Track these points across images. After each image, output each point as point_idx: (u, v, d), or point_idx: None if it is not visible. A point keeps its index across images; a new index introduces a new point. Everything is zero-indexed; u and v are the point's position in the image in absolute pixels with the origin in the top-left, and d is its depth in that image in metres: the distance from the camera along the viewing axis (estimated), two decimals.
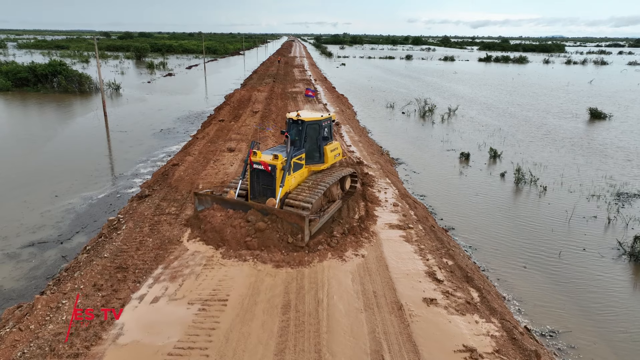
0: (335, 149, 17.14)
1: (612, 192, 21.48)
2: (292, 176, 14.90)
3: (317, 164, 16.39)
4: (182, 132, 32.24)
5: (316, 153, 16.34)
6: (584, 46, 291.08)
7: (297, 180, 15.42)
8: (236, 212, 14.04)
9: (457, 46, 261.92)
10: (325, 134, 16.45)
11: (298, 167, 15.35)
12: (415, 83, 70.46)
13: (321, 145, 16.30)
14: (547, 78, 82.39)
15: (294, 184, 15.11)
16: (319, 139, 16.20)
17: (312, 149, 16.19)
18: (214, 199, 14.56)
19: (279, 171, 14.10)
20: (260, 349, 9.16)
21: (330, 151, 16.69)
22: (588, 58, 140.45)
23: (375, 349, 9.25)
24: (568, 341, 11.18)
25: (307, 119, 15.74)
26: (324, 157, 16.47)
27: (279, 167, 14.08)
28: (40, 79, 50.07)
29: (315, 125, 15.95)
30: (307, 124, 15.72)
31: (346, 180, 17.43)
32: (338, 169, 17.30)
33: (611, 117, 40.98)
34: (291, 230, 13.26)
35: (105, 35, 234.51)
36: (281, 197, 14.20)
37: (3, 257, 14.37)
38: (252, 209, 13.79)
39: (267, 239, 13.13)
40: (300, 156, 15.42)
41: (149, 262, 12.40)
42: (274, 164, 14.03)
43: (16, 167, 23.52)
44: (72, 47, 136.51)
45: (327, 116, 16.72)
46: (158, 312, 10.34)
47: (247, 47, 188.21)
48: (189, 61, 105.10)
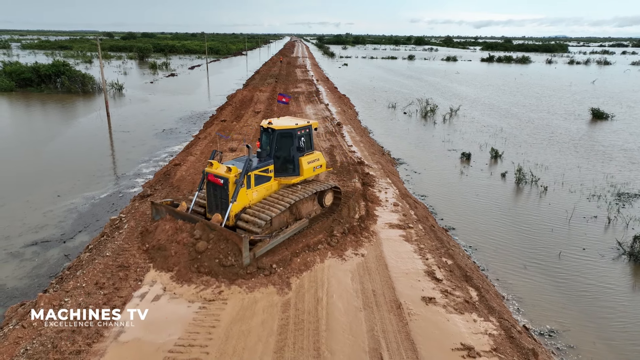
0: (315, 161, 15.72)
1: (612, 192, 21.49)
2: (254, 190, 13.83)
3: (290, 176, 15.10)
4: (184, 132, 32.39)
5: (289, 164, 15.10)
6: (587, 46, 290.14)
7: (262, 194, 14.24)
8: (186, 223, 13.21)
9: (459, 46, 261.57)
10: (300, 143, 15.13)
11: (264, 179, 14.22)
12: (417, 83, 70.47)
13: (295, 156, 15.03)
14: (549, 78, 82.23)
15: (256, 198, 13.98)
16: (293, 149, 14.94)
17: (284, 159, 15.01)
18: (168, 210, 13.86)
19: (231, 184, 12.98)
20: (259, 347, 9.26)
21: (308, 163, 15.31)
22: (591, 58, 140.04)
23: (374, 347, 9.34)
24: (567, 341, 11.23)
25: (279, 127, 14.62)
26: (299, 169, 15.18)
27: (232, 180, 12.98)
28: (44, 79, 50.34)
29: (287, 134, 14.73)
30: (278, 132, 14.56)
31: (325, 195, 15.89)
32: (315, 183, 15.83)
33: (613, 118, 40.92)
34: (235, 250, 12.15)
35: (108, 36, 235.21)
36: (237, 212, 13.28)
37: (6, 256, 14.51)
38: (199, 223, 12.93)
39: (204, 262, 12.01)
40: (267, 168, 14.27)
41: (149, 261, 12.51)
42: (226, 177, 13.00)
43: (19, 167, 23.70)
44: (76, 48, 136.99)
45: (304, 124, 15.36)
46: (159, 309, 10.45)
47: (250, 47, 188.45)
48: (192, 61, 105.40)
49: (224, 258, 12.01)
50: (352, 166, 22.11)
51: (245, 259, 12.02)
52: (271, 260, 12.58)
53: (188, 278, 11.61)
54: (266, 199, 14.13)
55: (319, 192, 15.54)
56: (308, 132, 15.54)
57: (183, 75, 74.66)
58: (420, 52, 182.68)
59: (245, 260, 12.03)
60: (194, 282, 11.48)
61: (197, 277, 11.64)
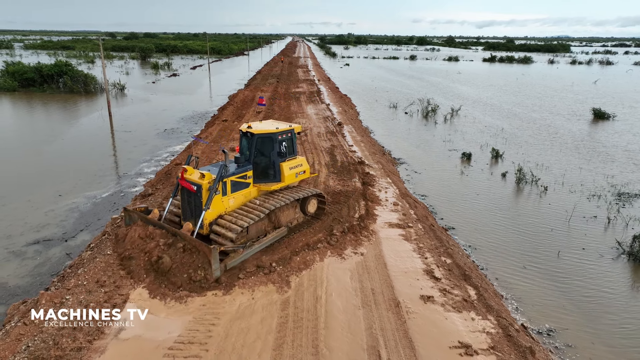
0: (298, 166, 15.13)
1: (613, 192, 21.50)
2: (231, 197, 13.31)
3: (271, 182, 14.52)
4: (185, 132, 32.49)
5: (270, 170, 14.51)
6: (589, 46, 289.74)
7: (239, 201, 13.69)
8: (156, 230, 12.90)
9: (461, 46, 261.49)
10: (282, 148, 14.47)
11: (242, 186, 13.67)
12: (418, 83, 70.48)
13: (276, 161, 14.42)
14: (551, 78, 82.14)
15: (233, 205, 13.45)
16: (273, 154, 14.33)
17: (264, 165, 14.45)
18: (140, 217, 13.50)
19: (204, 191, 12.47)
20: (258, 344, 9.34)
21: (290, 169, 14.72)
22: (593, 58, 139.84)
23: (372, 345, 9.41)
24: (565, 340, 11.27)
25: (258, 131, 14.04)
26: (280, 176, 14.59)
27: (205, 186, 12.47)
28: (46, 79, 50.54)
29: (267, 139, 14.16)
30: (257, 137, 14.00)
31: (308, 202, 15.18)
32: (297, 189, 15.17)
33: (615, 118, 40.88)
34: (206, 262, 11.63)
35: (110, 36, 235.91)
36: (211, 220, 12.81)
37: (9, 255, 14.62)
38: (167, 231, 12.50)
39: (171, 278, 11.50)
40: (245, 174, 13.73)
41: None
42: (199, 183, 12.51)
43: (21, 166, 23.83)
44: (78, 48, 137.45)
45: (286, 128, 14.73)
46: (158, 308, 10.54)
47: (252, 47, 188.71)
48: (194, 61, 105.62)
49: (193, 272, 11.47)
50: (353, 166, 22.17)
51: (215, 271, 11.45)
52: (271, 259, 12.66)
53: (161, 292, 11.14)
54: (244, 207, 13.58)
55: (301, 199, 14.92)
56: (290, 137, 14.91)
57: (185, 76, 74.84)
58: (422, 52, 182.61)
59: (216, 273, 11.48)
60: (169, 295, 11.00)
61: (171, 292, 11.13)
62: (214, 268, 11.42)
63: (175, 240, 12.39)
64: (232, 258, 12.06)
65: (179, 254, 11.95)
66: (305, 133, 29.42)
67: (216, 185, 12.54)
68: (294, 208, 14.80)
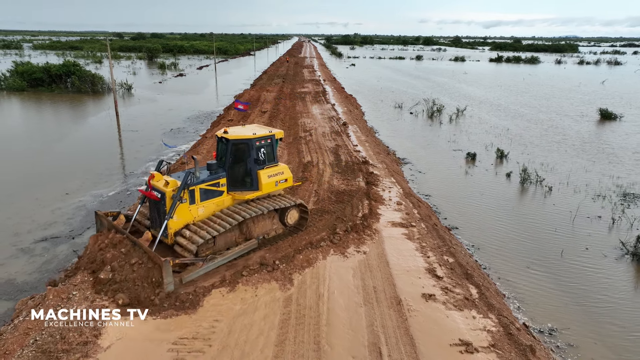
0: (279, 174, 14.27)
1: (618, 192, 21.42)
2: (200, 205, 12.78)
3: (247, 191, 13.75)
4: (191, 132, 32.75)
5: (247, 178, 13.80)
6: (598, 46, 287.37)
7: (211, 210, 13.11)
8: (117, 235, 12.44)
9: (468, 46, 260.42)
10: (259, 155, 13.74)
11: (214, 194, 13.13)
12: (424, 83, 70.40)
13: (252, 168, 13.69)
14: (558, 79, 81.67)
15: (203, 215, 12.89)
16: (250, 161, 13.63)
17: (241, 172, 13.77)
18: (107, 223, 13.14)
19: (168, 199, 12.02)
20: (261, 340, 9.47)
21: (268, 177, 13.92)
22: (601, 58, 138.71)
23: (373, 342, 9.52)
24: (568, 339, 11.28)
25: (233, 136, 13.41)
26: (258, 184, 13.83)
27: (169, 194, 12.02)
28: (55, 79, 51.12)
29: (243, 145, 13.49)
30: (232, 142, 13.36)
31: (288, 212, 14.34)
32: (276, 199, 14.32)
33: (622, 118, 40.62)
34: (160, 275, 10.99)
35: (118, 36, 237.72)
36: (177, 230, 12.29)
37: (17, 252, 14.86)
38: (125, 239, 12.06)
39: (124, 289, 10.93)
40: (217, 181, 13.14)
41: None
42: (162, 191, 12.08)
43: (29, 165, 24.15)
44: (86, 48, 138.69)
45: (264, 134, 13.94)
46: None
47: (258, 47, 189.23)
48: (200, 62, 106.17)
49: (147, 286, 10.90)
50: (357, 165, 22.27)
51: (167, 285, 10.78)
52: (274, 256, 12.79)
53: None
54: (214, 216, 12.97)
55: (280, 210, 14.14)
56: (270, 143, 14.13)
57: (191, 76, 75.28)
58: (429, 53, 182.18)
59: (168, 287, 10.81)
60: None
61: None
62: (166, 282, 10.77)
63: (132, 250, 11.79)
64: (189, 272, 11.46)
65: (127, 266, 11.27)
66: (310, 133, 29.55)
67: (180, 193, 11.98)
68: (270, 219, 14.00)
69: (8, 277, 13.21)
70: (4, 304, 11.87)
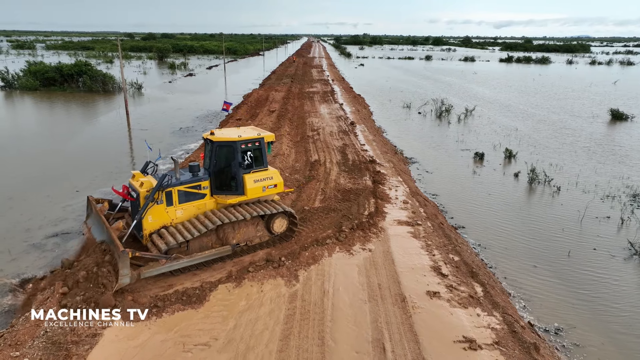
0: (267, 179, 13.73)
1: (628, 193, 21.21)
2: (179, 207, 12.65)
3: (232, 195, 13.37)
4: (200, 131, 32.98)
5: (232, 182, 13.42)
6: (610, 46, 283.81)
7: (190, 212, 12.93)
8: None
9: (478, 47, 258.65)
10: (245, 158, 13.39)
11: (194, 196, 12.95)
12: (433, 84, 70.15)
13: (237, 172, 13.27)
14: (569, 79, 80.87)
15: (181, 217, 12.74)
16: (234, 164, 13.23)
17: (225, 176, 13.41)
18: (94, 208, 13.39)
19: (142, 199, 12.05)
20: (266, 334, 9.59)
21: (254, 181, 13.43)
22: (614, 58, 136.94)
23: (377, 338, 9.59)
24: (574, 339, 11.21)
25: (218, 138, 13.10)
26: (243, 188, 13.41)
27: (142, 194, 12.05)
28: (67, 78, 51.82)
29: (227, 148, 13.15)
30: (216, 144, 13.05)
31: (274, 220, 13.70)
32: (262, 204, 13.75)
33: (633, 119, 40.16)
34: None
35: (129, 37, 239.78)
36: (152, 231, 12.23)
37: (28, 247, 15.14)
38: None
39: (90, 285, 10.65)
40: (199, 184, 12.95)
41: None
42: (137, 191, 12.19)
43: (41, 163, 24.54)
44: (97, 48, 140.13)
45: (252, 136, 13.49)
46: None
47: (267, 47, 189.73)
48: (210, 61, 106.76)
49: (106, 276, 10.66)
50: (364, 164, 22.33)
51: (123, 277, 10.47)
52: (280, 253, 12.92)
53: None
54: (193, 219, 12.80)
55: (266, 216, 13.55)
56: (258, 146, 13.66)
57: (201, 75, 75.77)
58: (438, 53, 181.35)
59: (124, 279, 10.51)
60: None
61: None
62: (121, 273, 10.45)
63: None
64: (150, 267, 11.22)
65: (98, 253, 11.20)
66: (317, 132, 29.66)
67: (153, 194, 11.89)
68: (254, 225, 13.46)
69: (19, 272, 13.47)
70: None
